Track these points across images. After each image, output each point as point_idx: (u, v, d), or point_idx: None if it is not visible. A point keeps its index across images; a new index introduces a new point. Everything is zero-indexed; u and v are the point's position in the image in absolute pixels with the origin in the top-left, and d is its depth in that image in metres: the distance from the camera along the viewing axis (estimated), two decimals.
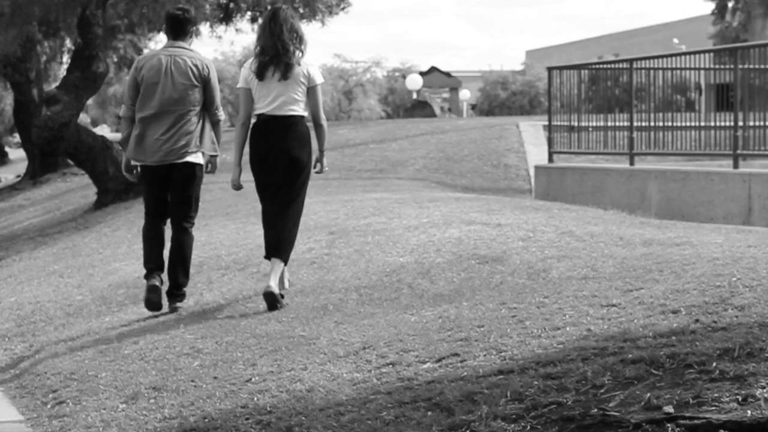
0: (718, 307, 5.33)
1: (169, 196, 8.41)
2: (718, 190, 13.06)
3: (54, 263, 12.44)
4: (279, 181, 7.84)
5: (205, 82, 8.33)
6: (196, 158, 8.34)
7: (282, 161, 7.81)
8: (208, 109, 8.39)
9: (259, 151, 7.89)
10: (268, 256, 7.86)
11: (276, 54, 7.75)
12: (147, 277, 8.28)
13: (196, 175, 8.37)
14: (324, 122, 8.00)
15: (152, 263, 8.34)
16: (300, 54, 7.80)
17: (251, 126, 7.98)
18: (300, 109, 7.84)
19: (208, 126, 8.43)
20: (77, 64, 16.89)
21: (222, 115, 8.52)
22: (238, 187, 8.10)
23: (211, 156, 8.47)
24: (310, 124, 8.00)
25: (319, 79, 7.89)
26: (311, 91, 7.85)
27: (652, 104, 15.65)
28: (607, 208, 11.81)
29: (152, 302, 8.15)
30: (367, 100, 69.48)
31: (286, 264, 7.86)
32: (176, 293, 8.37)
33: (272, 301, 7.53)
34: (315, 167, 8.10)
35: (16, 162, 43.17)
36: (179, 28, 8.45)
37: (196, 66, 8.32)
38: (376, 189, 14.60)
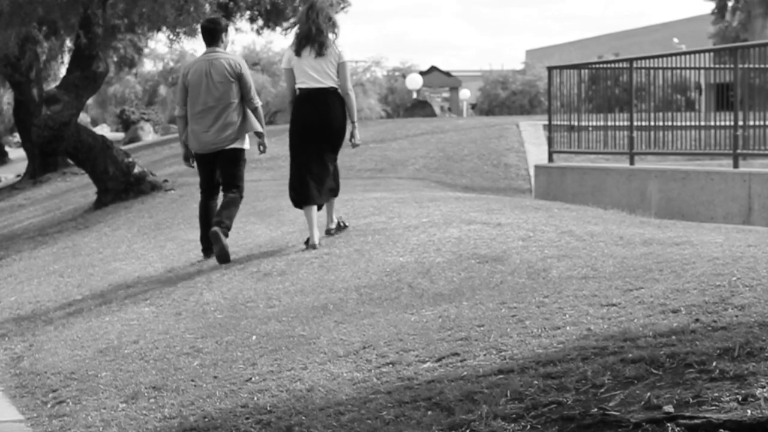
0: (718, 306, 5.33)
1: (218, 176, 9.97)
2: (718, 189, 13.05)
3: (54, 263, 12.44)
4: (321, 142, 9.36)
5: (238, 77, 9.81)
6: (239, 144, 9.87)
7: (322, 126, 9.33)
8: (244, 98, 9.84)
9: (299, 119, 9.41)
10: (306, 204, 9.34)
11: (310, 35, 9.26)
12: (204, 253, 9.93)
13: (238, 157, 9.89)
14: (351, 92, 9.43)
15: (207, 243, 9.86)
16: (334, 36, 9.32)
17: (294, 98, 9.45)
18: (332, 82, 9.33)
19: (249, 113, 9.88)
20: (77, 63, 16.88)
21: (258, 101, 9.95)
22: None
23: (258, 133, 9.94)
24: None
25: (346, 57, 9.36)
26: (340, 67, 9.33)
27: (652, 104, 15.65)
28: (607, 207, 11.80)
29: (220, 253, 9.44)
30: (367, 100, 69.44)
31: (335, 196, 9.61)
32: (222, 228, 9.51)
33: (339, 229, 9.57)
34: (352, 142, 9.58)
35: (16, 161, 43.20)
36: (213, 37, 9.99)
37: (230, 64, 9.81)
38: (376, 188, 14.60)
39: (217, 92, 9.75)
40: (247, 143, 10.00)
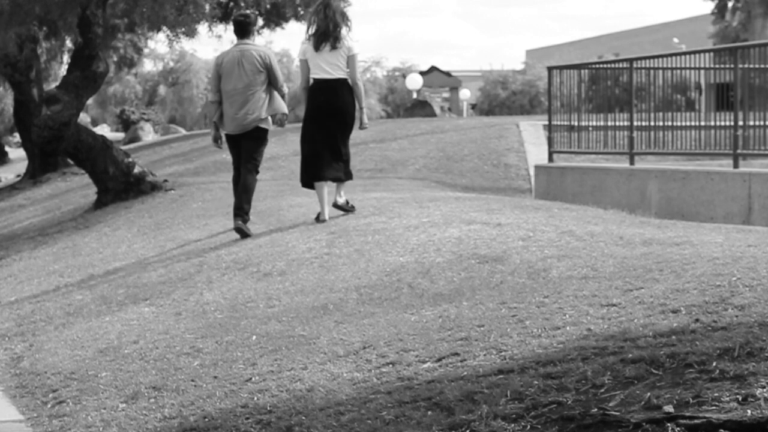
0: (718, 306, 5.33)
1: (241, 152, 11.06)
2: (718, 189, 13.05)
3: (54, 263, 12.44)
4: (333, 127, 10.42)
5: (267, 68, 10.92)
6: (262, 124, 10.95)
7: (335, 112, 10.40)
8: (274, 85, 10.97)
9: (313, 106, 10.47)
10: (315, 180, 10.43)
11: (328, 31, 10.32)
12: (234, 217, 10.77)
13: (260, 136, 10.99)
14: (359, 82, 10.55)
15: (238, 210, 10.77)
16: (347, 30, 10.38)
17: (309, 88, 10.51)
18: (344, 74, 10.41)
19: (275, 96, 10.98)
20: (77, 63, 16.86)
21: (285, 89, 11.09)
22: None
23: (283, 114, 11.05)
24: None
25: (355, 50, 10.44)
26: (350, 59, 10.41)
27: (652, 104, 15.64)
28: (607, 207, 11.80)
29: (240, 230, 10.56)
30: (367, 100, 69.40)
31: (350, 179, 10.70)
32: (241, 213, 10.71)
33: (345, 209, 10.53)
34: (360, 125, 10.57)
35: (16, 161, 43.18)
36: (243, 30, 11.12)
37: (260, 56, 10.93)
38: (376, 188, 14.59)
39: (246, 79, 10.84)
40: (270, 124, 11.05)
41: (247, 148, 10.97)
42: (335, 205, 10.53)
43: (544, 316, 5.78)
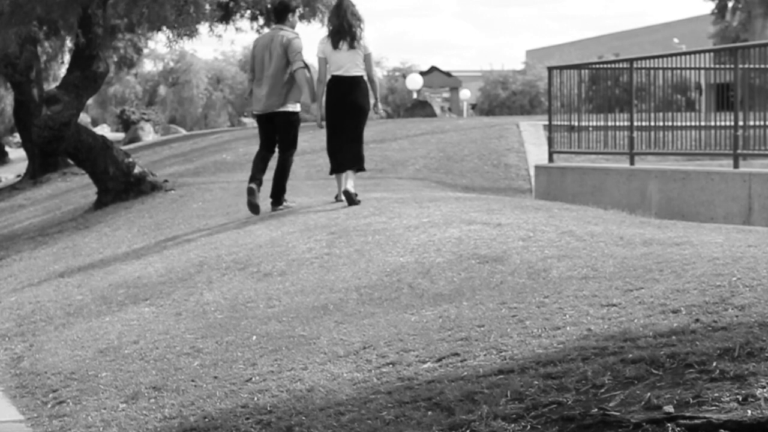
0: (719, 306, 5.33)
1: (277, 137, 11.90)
2: (718, 189, 13.05)
3: (54, 263, 12.44)
4: (348, 120, 11.39)
5: (286, 47, 11.57)
6: (291, 107, 11.72)
7: (351, 107, 11.36)
8: (289, 60, 11.58)
9: (333, 101, 11.42)
10: (336, 172, 11.56)
11: (342, 30, 11.28)
12: (249, 184, 11.53)
13: (291, 120, 11.77)
14: (375, 78, 11.67)
15: (251, 178, 11.64)
16: (361, 30, 11.32)
17: (327, 83, 11.45)
18: (361, 71, 11.36)
19: (298, 80, 11.61)
20: (77, 63, 16.85)
21: (299, 63, 11.58)
22: (321, 125, 11.74)
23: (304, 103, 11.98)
24: None
25: (370, 49, 11.43)
26: (366, 58, 11.40)
27: (653, 104, 15.64)
28: (608, 207, 11.80)
29: (252, 204, 11.49)
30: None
31: (363, 170, 11.68)
32: (277, 199, 11.75)
33: (351, 198, 11.17)
34: (375, 111, 11.78)
35: (16, 162, 43.19)
36: (279, 15, 11.96)
37: (286, 38, 11.61)
38: (376, 189, 14.59)
39: (274, 63, 11.62)
40: (298, 106, 11.85)
41: (281, 134, 11.84)
42: (345, 192, 11.25)
43: (544, 316, 5.78)
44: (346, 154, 11.45)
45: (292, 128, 11.84)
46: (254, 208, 11.49)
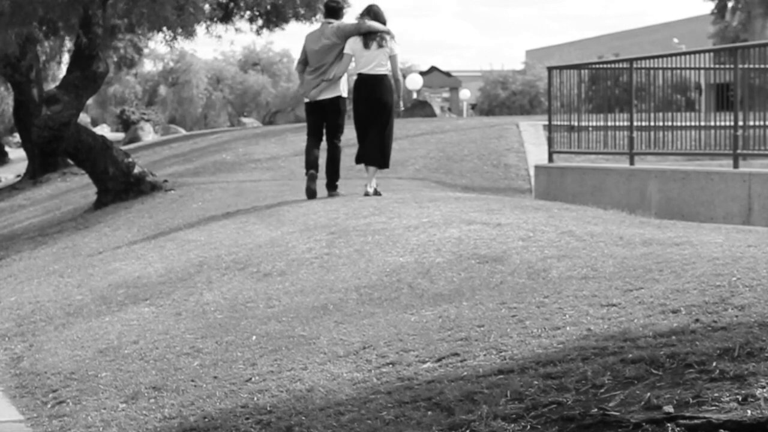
0: (718, 306, 5.33)
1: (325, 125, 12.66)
2: (718, 189, 13.05)
3: (54, 263, 12.44)
4: (375, 116, 12.22)
5: (339, 37, 12.27)
6: (337, 92, 12.43)
7: (376, 103, 12.21)
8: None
9: (360, 97, 12.31)
10: (360, 162, 12.52)
11: (373, 32, 12.14)
12: (306, 172, 12.42)
13: (339, 106, 12.52)
14: (400, 78, 12.51)
15: (309, 165, 12.44)
16: (389, 36, 12.14)
17: (355, 81, 12.36)
18: (386, 70, 12.25)
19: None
20: (77, 63, 16.86)
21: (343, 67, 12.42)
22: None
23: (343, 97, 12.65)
24: None
25: (396, 50, 12.28)
26: (392, 59, 12.26)
27: (652, 104, 15.64)
28: (607, 207, 11.79)
29: (310, 190, 12.32)
30: None
31: (387, 167, 12.65)
32: (332, 186, 12.54)
33: (368, 194, 12.04)
34: (397, 107, 12.40)
35: (16, 162, 43.18)
36: (332, 12, 12.70)
37: (337, 28, 12.33)
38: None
39: (321, 54, 12.37)
40: (345, 92, 12.57)
41: (329, 122, 12.60)
42: (365, 194, 12.07)
43: (544, 316, 5.78)
44: (369, 145, 12.25)
45: (341, 116, 12.63)
46: (312, 193, 12.29)
